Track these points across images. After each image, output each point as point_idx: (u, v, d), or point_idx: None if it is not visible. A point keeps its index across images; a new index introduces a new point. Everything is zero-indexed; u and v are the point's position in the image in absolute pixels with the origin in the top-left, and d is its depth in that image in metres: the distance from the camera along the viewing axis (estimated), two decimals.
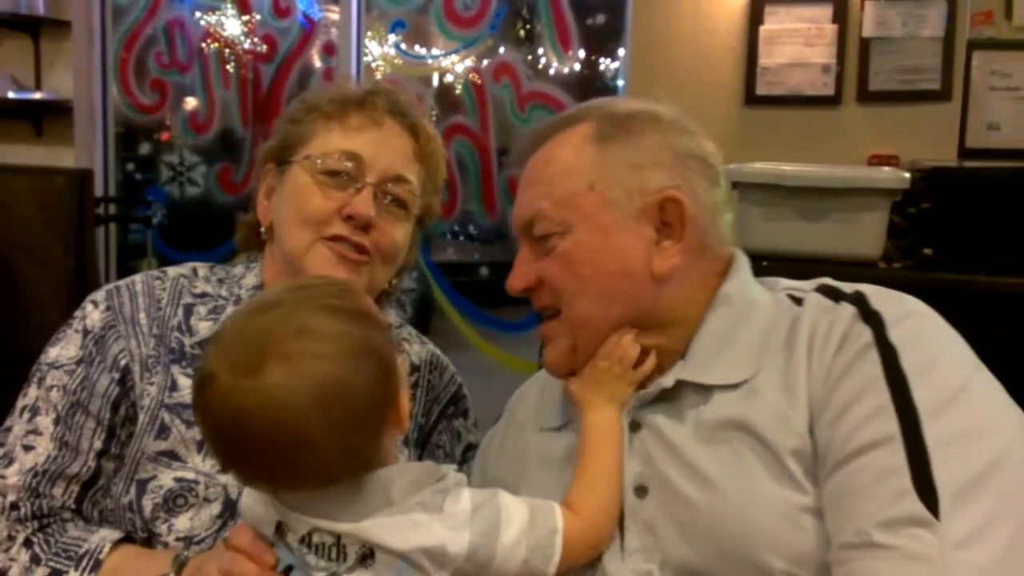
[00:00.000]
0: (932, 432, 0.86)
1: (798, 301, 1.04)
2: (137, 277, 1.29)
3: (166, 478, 1.18)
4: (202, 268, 1.33)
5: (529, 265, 1.09)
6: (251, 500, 0.95)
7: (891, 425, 0.87)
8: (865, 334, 0.94)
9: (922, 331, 0.96)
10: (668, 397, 1.04)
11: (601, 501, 1.00)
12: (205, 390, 0.87)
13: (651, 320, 1.06)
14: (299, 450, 0.84)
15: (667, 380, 1.04)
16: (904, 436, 0.86)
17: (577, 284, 1.05)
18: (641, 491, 1.01)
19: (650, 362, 1.06)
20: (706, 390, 1.02)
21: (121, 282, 1.29)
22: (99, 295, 1.27)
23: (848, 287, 1.02)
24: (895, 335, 0.93)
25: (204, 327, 1.25)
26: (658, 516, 0.99)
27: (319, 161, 1.22)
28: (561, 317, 1.08)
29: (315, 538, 0.89)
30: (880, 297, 0.99)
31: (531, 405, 1.25)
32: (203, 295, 1.29)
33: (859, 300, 0.98)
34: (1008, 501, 0.83)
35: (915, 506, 0.82)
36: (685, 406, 1.03)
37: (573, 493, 1.00)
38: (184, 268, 1.32)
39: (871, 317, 0.95)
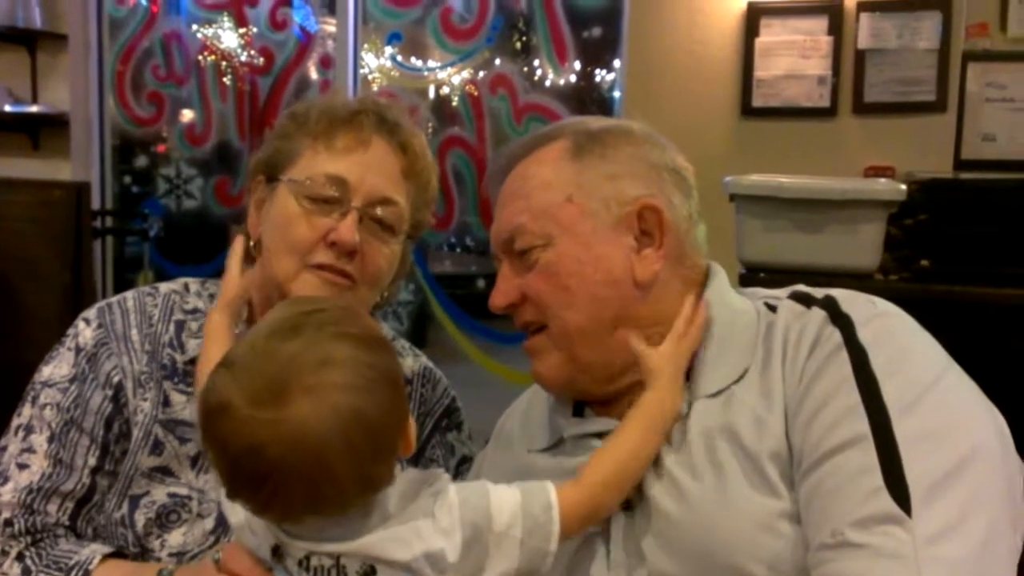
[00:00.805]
0: (902, 430, 0.86)
1: (773, 308, 1.05)
2: (129, 294, 1.29)
3: (159, 494, 1.18)
4: (194, 283, 1.33)
5: (511, 281, 1.10)
6: (244, 522, 0.95)
7: (862, 425, 0.87)
8: (835, 336, 0.95)
9: (891, 331, 0.96)
10: None
11: (608, 473, 0.99)
12: (219, 419, 0.85)
13: (641, 323, 1.07)
14: (319, 481, 0.83)
15: (684, 407, 1.04)
16: (875, 435, 0.86)
17: (563, 296, 1.06)
18: (627, 506, 1.02)
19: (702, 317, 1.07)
20: (690, 401, 1.03)
21: (113, 299, 1.28)
22: (91, 313, 1.27)
23: (819, 292, 1.03)
24: (864, 336, 0.94)
25: (193, 345, 1.24)
26: (642, 530, 1.00)
27: (304, 184, 1.21)
28: (549, 331, 1.08)
29: (313, 561, 0.88)
30: (849, 300, 1.00)
31: (516, 426, 1.25)
32: (194, 311, 1.28)
33: (829, 304, 0.99)
34: (981, 495, 0.84)
35: (887, 504, 0.82)
36: None
37: (597, 461, 1.00)
38: (176, 284, 1.32)
39: (840, 319, 0.96)
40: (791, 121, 3.43)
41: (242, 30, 4.52)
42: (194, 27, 4.58)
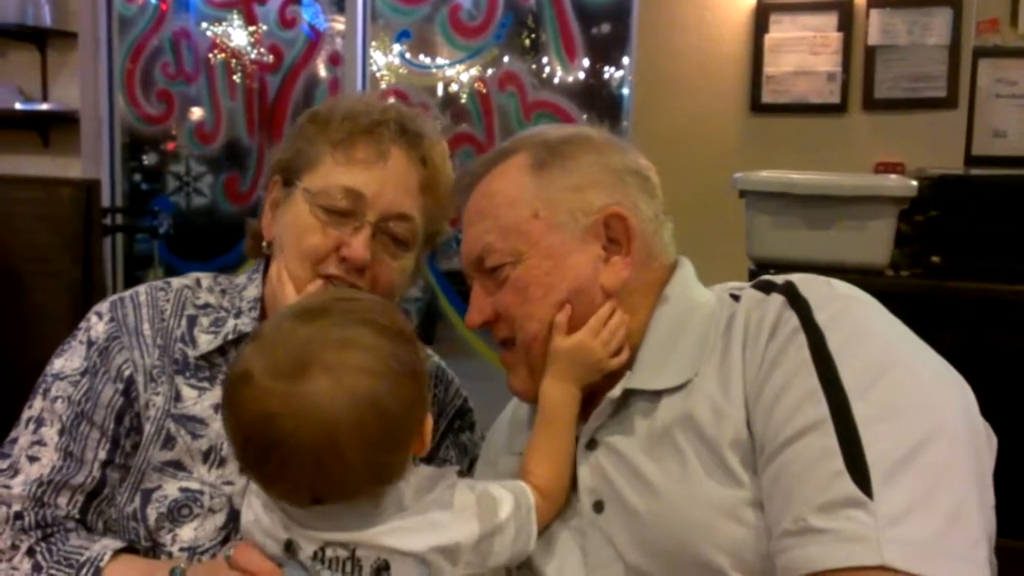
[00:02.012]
0: (861, 411, 0.85)
1: (736, 298, 1.05)
2: (141, 288, 1.29)
3: (171, 488, 1.18)
4: (205, 278, 1.33)
5: (484, 300, 1.11)
6: (255, 518, 0.95)
7: (821, 409, 0.87)
8: (792, 320, 0.94)
9: (848, 312, 0.95)
10: (619, 409, 1.06)
11: (558, 475, 1.03)
12: (238, 388, 0.87)
13: None
14: (328, 461, 0.84)
15: (616, 391, 1.05)
16: (834, 418, 0.86)
17: (529, 307, 1.07)
18: (598, 506, 1.03)
19: (623, 355, 1.08)
20: (655, 396, 1.03)
21: (125, 293, 1.28)
22: (103, 306, 1.27)
23: (780, 278, 1.02)
24: (821, 318, 0.93)
25: (205, 340, 1.25)
26: (615, 529, 1.01)
27: (320, 195, 1.21)
28: (516, 343, 1.10)
29: (328, 552, 0.88)
30: (807, 283, 0.99)
31: (504, 430, 1.26)
32: (205, 306, 1.29)
33: (788, 288, 0.99)
34: (946, 473, 0.83)
35: (848, 487, 0.81)
36: (635, 415, 1.05)
37: (535, 468, 1.03)
38: (188, 279, 1.32)
39: (797, 302, 0.96)
40: (801, 117, 3.42)
41: (251, 28, 4.52)
42: (203, 25, 4.59)
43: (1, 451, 1.21)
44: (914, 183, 2.24)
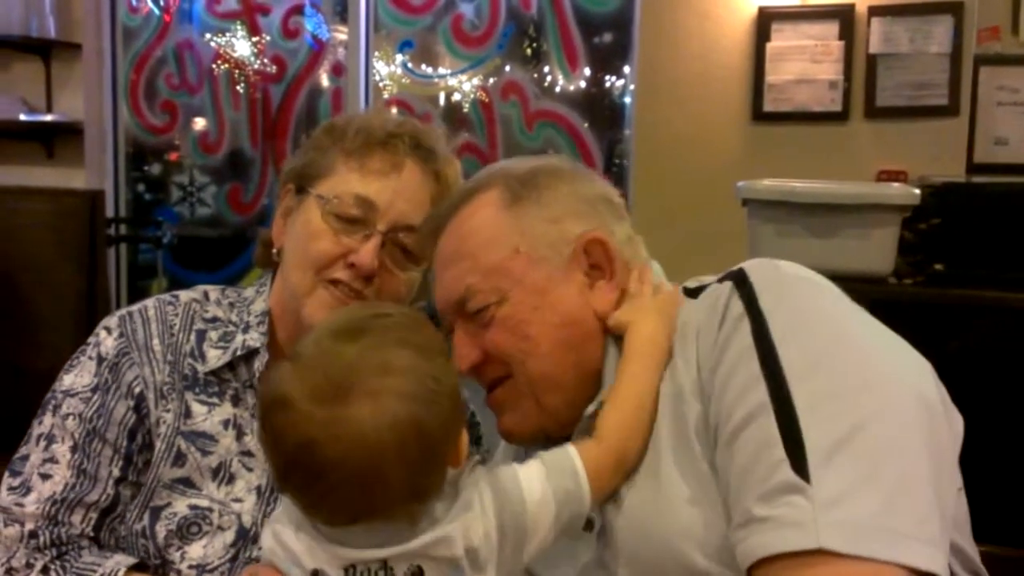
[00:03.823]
0: (800, 396, 0.84)
1: (693, 293, 1.06)
2: (149, 302, 1.29)
3: (180, 505, 1.17)
4: (213, 291, 1.33)
5: (470, 344, 1.09)
6: (275, 544, 0.93)
7: (762, 395, 0.86)
8: (738, 305, 0.94)
9: (791, 294, 0.94)
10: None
11: (626, 420, 0.99)
12: (277, 412, 0.86)
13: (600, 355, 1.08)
14: (370, 485, 0.83)
15: (591, 408, 1.04)
16: (774, 404, 0.85)
17: (526, 344, 1.05)
18: (589, 524, 1.02)
19: (676, 294, 1.08)
20: None
21: (134, 307, 1.28)
22: (112, 321, 1.26)
23: (737, 265, 1.01)
24: (764, 302, 0.92)
25: (214, 355, 1.24)
26: (603, 548, 1.00)
27: (332, 202, 1.21)
28: (514, 381, 1.08)
29: (359, 568, 0.87)
30: (755, 267, 0.98)
31: (500, 451, 1.25)
32: (214, 320, 1.28)
33: (737, 274, 0.98)
34: (888, 453, 0.81)
35: (787, 474, 0.80)
36: None
37: (603, 420, 0.99)
38: (196, 292, 1.32)
39: (744, 287, 0.95)
40: (803, 126, 3.42)
41: (255, 39, 4.54)
42: (207, 36, 4.60)
43: (12, 468, 1.20)
44: (917, 191, 2.25)
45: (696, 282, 1.08)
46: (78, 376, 1.23)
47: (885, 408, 0.84)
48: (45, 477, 1.18)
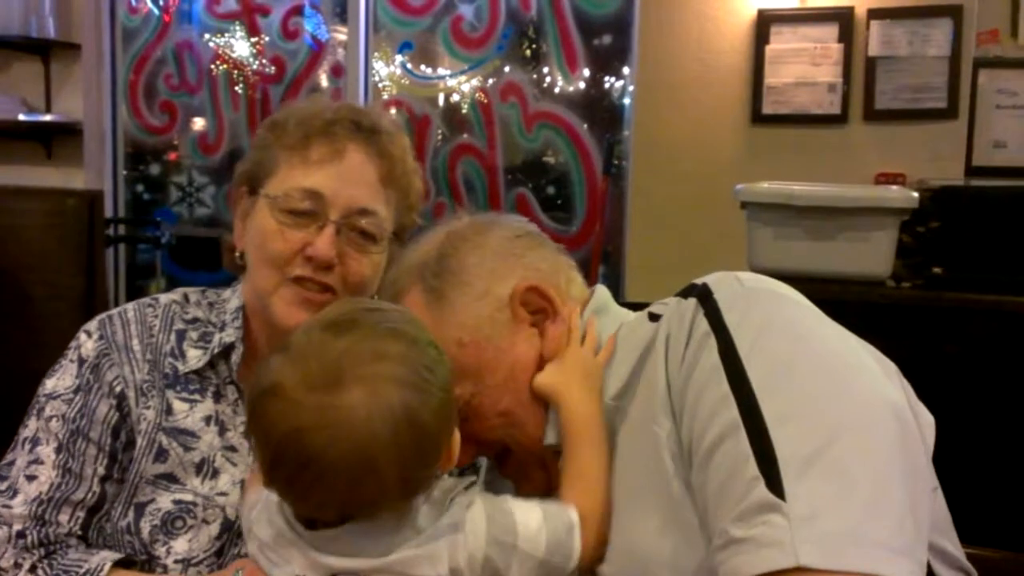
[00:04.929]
0: (770, 411, 0.83)
1: (655, 318, 1.04)
2: (129, 305, 1.30)
3: (164, 501, 1.18)
4: (193, 293, 1.34)
5: (463, 441, 1.05)
6: (257, 551, 0.93)
7: (733, 414, 0.84)
8: (703, 323, 0.92)
9: (755, 310, 0.92)
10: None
11: (601, 502, 0.99)
12: (267, 401, 0.85)
13: None
14: (362, 475, 0.82)
15: (550, 436, 1.05)
16: (745, 423, 0.83)
17: (507, 419, 1.06)
18: None
19: (603, 350, 1.07)
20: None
21: (113, 311, 1.29)
22: (92, 325, 1.27)
23: (701, 280, 1.00)
24: (730, 318, 0.91)
25: (194, 355, 1.25)
26: None
27: (281, 199, 1.21)
28: (515, 454, 1.08)
29: None
30: (718, 283, 0.97)
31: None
32: (194, 320, 1.29)
33: (702, 290, 0.96)
34: (860, 464, 0.80)
35: (763, 492, 0.79)
36: None
37: (575, 498, 0.98)
38: (175, 294, 1.33)
39: (708, 304, 0.94)
40: (802, 128, 3.43)
41: (254, 39, 4.54)
42: (206, 36, 4.61)
43: None
44: (915, 194, 2.25)
45: (660, 307, 1.05)
46: (60, 379, 1.23)
47: (855, 418, 0.83)
48: (31, 478, 1.19)
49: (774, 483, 0.80)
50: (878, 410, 0.85)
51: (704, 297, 0.95)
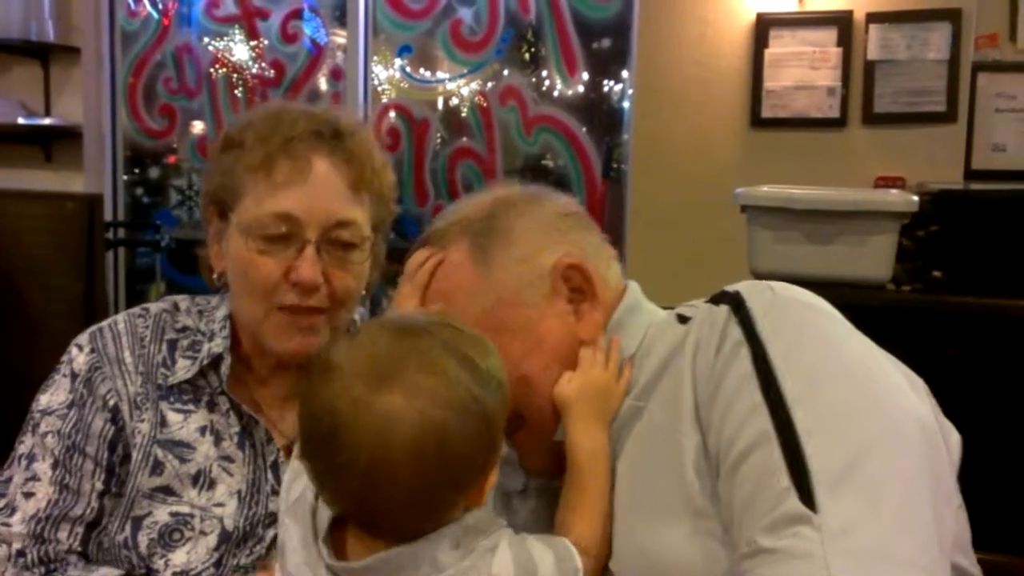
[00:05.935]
0: (803, 422, 0.83)
1: (684, 319, 1.04)
2: (119, 317, 1.28)
3: (161, 513, 1.17)
4: (183, 301, 1.32)
5: None
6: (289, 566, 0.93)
7: (765, 423, 0.84)
8: (736, 331, 0.92)
9: (788, 320, 0.92)
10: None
11: (602, 534, 0.99)
12: (322, 374, 0.86)
13: None
14: (374, 476, 0.82)
15: (560, 433, 1.04)
16: (778, 433, 0.83)
17: (526, 388, 1.05)
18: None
19: (627, 373, 1.06)
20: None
21: (104, 323, 1.27)
22: (83, 338, 1.26)
23: (733, 287, 0.99)
24: (763, 328, 0.91)
25: (183, 365, 1.24)
26: None
27: (254, 228, 1.18)
28: (528, 426, 1.07)
29: None
30: (750, 291, 0.97)
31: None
32: (184, 329, 1.28)
33: (734, 297, 0.96)
34: (889, 479, 0.81)
35: (794, 504, 0.79)
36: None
37: (577, 528, 0.98)
38: (165, 303, 1.31)
39: (741, 312, 0.94)
40: (801, 132, 3.43)
41: (253, 43, 4.54)
42: (206, 40, 4.61)
43: None
44: (915, 198, 2.25)
45: (690, 309, 1.05)
46: (54, 395, 1.22)
47: (886, 433, 0.84)
48: (28, 495, 1.18)
49: (806, 495, 0.80)
50: (908, 426, 0.86)
51: (737, 305, 0.95)
